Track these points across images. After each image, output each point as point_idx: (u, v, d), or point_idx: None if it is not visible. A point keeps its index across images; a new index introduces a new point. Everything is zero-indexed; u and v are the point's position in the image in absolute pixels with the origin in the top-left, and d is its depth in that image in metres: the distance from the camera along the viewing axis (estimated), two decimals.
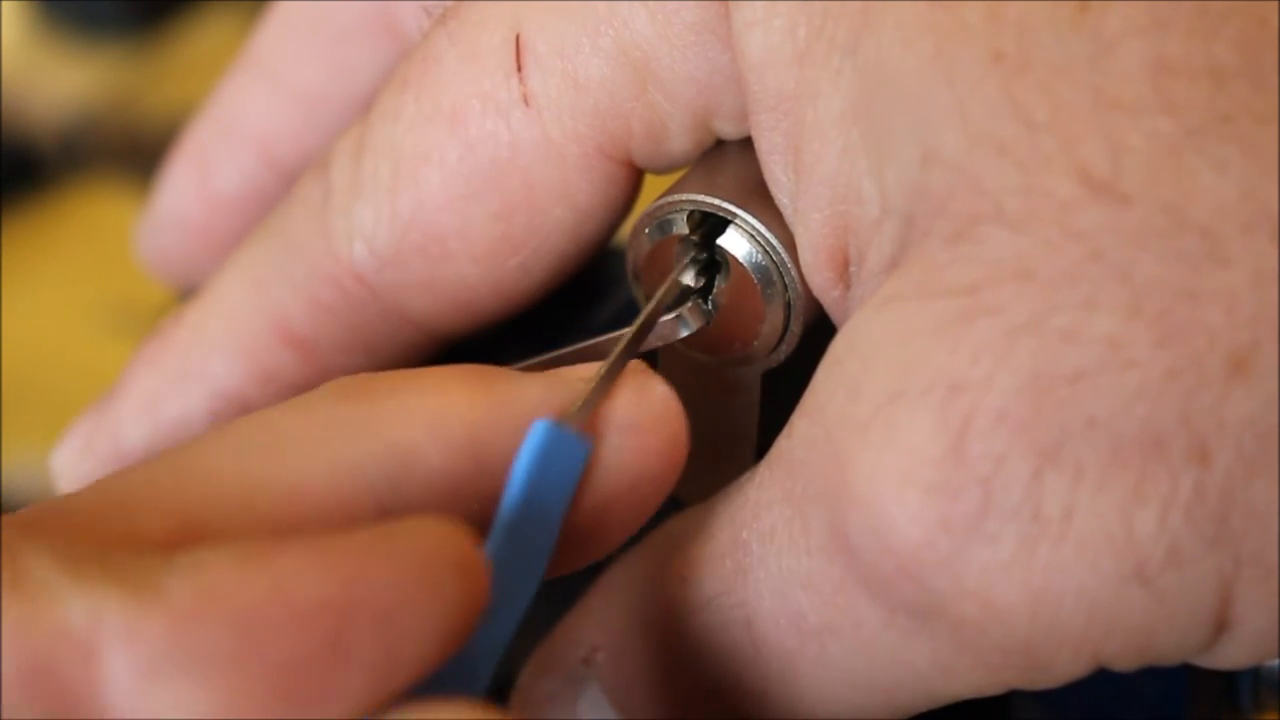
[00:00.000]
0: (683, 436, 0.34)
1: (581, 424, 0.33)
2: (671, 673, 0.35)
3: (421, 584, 0.29)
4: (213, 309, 0.41)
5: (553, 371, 0.34)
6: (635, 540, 0.37)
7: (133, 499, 0.30)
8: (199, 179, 0.46)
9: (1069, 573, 0.30)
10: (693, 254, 0.36)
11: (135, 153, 0.87)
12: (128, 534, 0.30)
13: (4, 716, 0.27)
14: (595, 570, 0.37)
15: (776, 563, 0.33)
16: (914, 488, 0.30)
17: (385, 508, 0.32)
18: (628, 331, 0.35)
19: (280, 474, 0.31)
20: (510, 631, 0.32)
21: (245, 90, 0.46)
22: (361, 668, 0.29)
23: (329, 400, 0.33)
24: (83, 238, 0.87)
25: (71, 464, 0.42)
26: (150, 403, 0.41)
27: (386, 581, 0.29)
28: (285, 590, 0.28)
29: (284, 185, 0.42)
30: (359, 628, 0.29)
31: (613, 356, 0.34)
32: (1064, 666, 0.31)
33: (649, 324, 0.36)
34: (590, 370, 0.34)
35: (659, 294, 0.36)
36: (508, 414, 0.33)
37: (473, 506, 0.32)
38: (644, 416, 0.34)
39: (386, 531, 0.30)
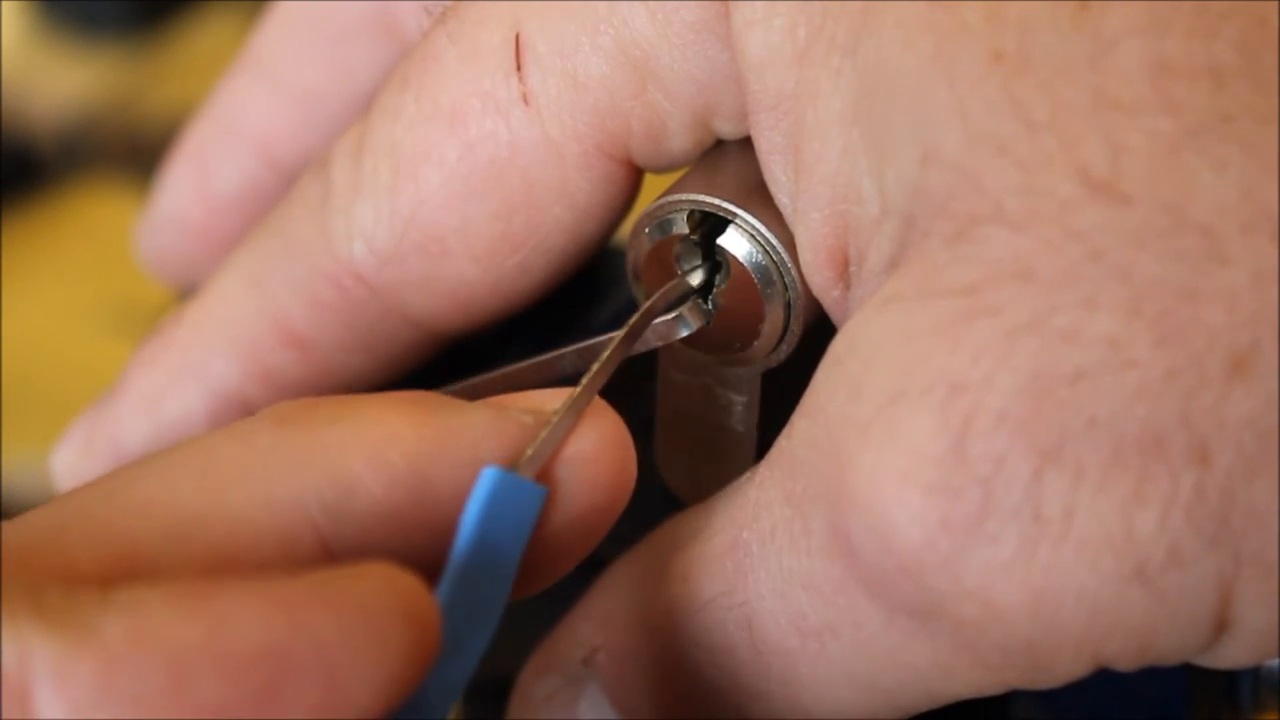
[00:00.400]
0: (631, 467, 0.33)
1: (534, 473, 0.32)
2: (671, 673, 0.35)
3: (367, 633, 0.29)
4: (212, 308, 0.40)
5: (498, 402, 0.34)
6: (635, 540, 0.37)
7: (67, 531, 0.30)
8: (198, 179, 0.46)
9: (1069, 573, 0.30)
10: (693, 254, 0.36)
11: (135, 153, 0.87)
12: (62, 568, 0.29)
13: None
14: (595, 570, 0.37)
15: (777, 563, 0.33)
16: (914, 488, 0.30)
17: (326, 540, 0.31)
18: (619, 333, 0.35)
19: (219, 505, 0.31)
20: (467, 674, 0.32)
21: (245, 90, 0.46)
22: (300, 714, 0.28)
23: (268, 427, 0.32)
24: (83, 238, 0.87)
25: (71, 464, 0.42)
26: (150, 402, 0.41)
27: (330, 629, 0.28)
28: (222, 635, 0.28)
29: (283, 185, 0.42)
30: (299, 676, 0.28)
31: (584, 381, 0.34)
32: (1064, 666, 0.31)
33: (640, 326, 0.35)
34: (535, 400, 0.33)
35: (656, 295, 0.36)
36: (452, 447, 0.32)
37: (415, 539, 0.32)
38: (593, 448, 0.33)
39: (332, 576, 0.29)
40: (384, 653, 0.29)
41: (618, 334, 0.35)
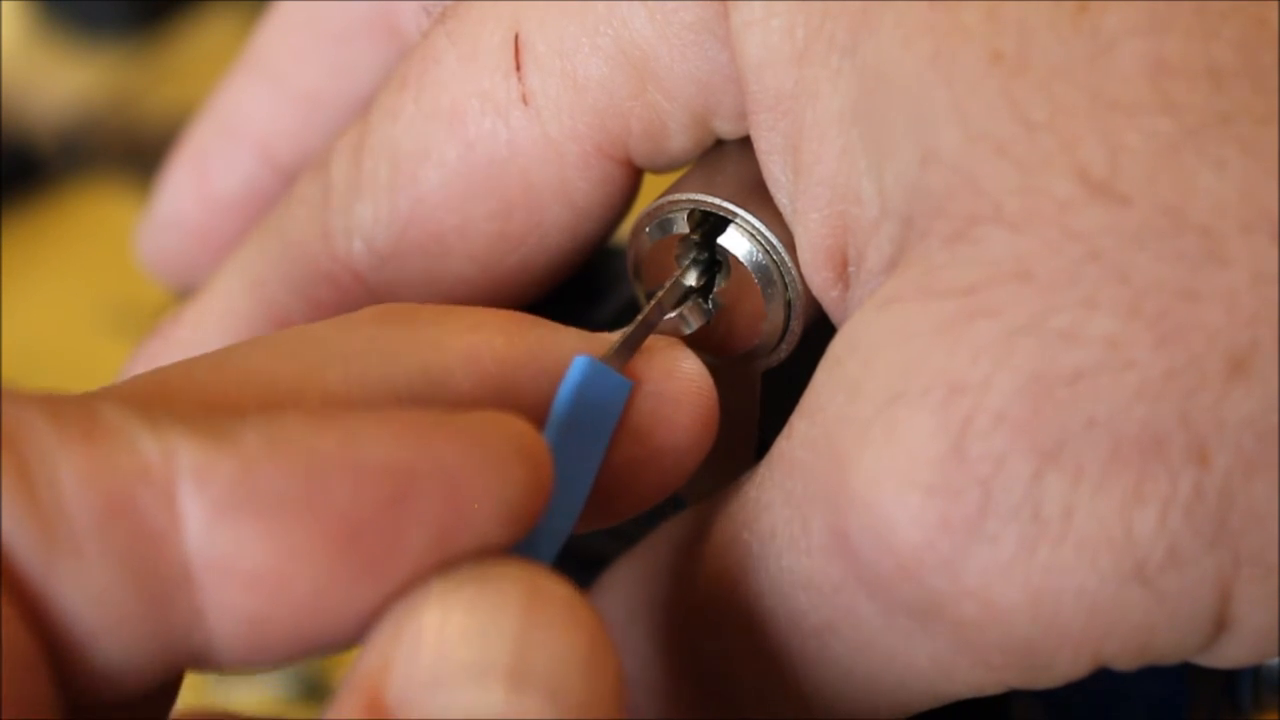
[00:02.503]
0: (712, 414, 0.34)
1: (619, 368, 0.34)
2: (672, 671, 0.35)
3: (487, 460, 0.30)
4: (212, 308, 0.41)
5: (589, 332, 0.35)
6: (636, 539, 0.37)
7: (172, 388, 0.31)
8: (199, 180, 0.46)
9: (1069, 573, 0.30)
10: (693, 253, 0.36)
11: (135, 153, 0.87)
12: (166, 409, 0.30)
13: (88, 554, 0.28)
14: (596, 569, 0.37)
15: (776, 563, 0.33)
16: (914, 488, 0.30)
17: None
18: (638, 320, 0.36)
19: (314, 381, 0.32)
20: (554, 550, 0.33)
21: (245, 91, 0.46)
22: (425, 529, 0.29)
23: (370, 320, 0.33)
24: (83, 238, 0.86)
25: None
26: None
27: (453, 453, 0.29)
28: (354, 446, 0.29)
29: (284, 186, 0.42)
30: (425, 492, 0.29)
31: (637, 321, 0.35)
32: (1064, 666, 0.31)
33: (659, 310, 0.36)
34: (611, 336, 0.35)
35: (662, 291, 0.36)
36: (542, 357, 0.34)
37: None
38: (676, 389, 0.34)
39: (453, 414, 0.30)
40: (502, 481, 0.30)
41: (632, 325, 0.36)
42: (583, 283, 0.40)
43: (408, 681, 0.28)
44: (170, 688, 0.32)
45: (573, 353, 0.34)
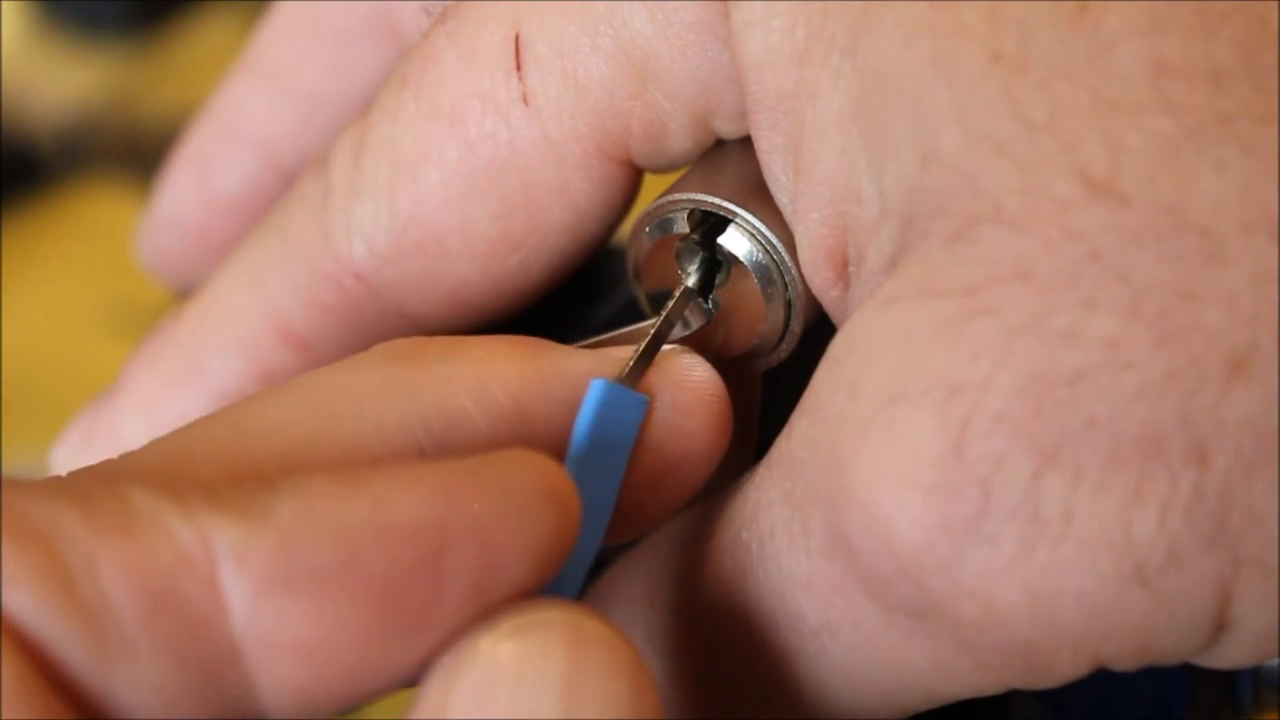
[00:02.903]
0: (725, 424, 0.35)
1: (634, 386, 0.34)
2: (672, 672, 0.35)
3: (517, 508, 0.30)
4: (212, 308, 0.41)
5: (598, 350, 0.35)
6: (636, 540, 0.37)
7: (193, 453, 0.31)
8: (199, 181, 0.46)
9: (1068, 573, 0.30)
10: (693, 253, 0.36)
11: (135, 153, 0.87)
12: (194, 485, 0.30)
13: (139, 649, 0.28)
14: (597, 570, 0.37)
15: (776, 563, 0.33)
16: (913, 488, 0.30)
17: None
18: (645, 325, 0.36)
19: (333, 432, 0.32)
20: (582, 573, 0.33)
21: (245, 92, 0.46)
22: (461, 583, 0.29)
23: (380, 362, 0.33)
24: (83, 238, 0.86)
25: (69, 461, 0.42)
26: (149, 401, 0.41)
27: (483, 505, 0.30)
28: (385, 509, 0.29)
29: (284, 186, 0.42)
30: (458, 545, 0.29)
31: (648, 337, 0.35)
32: (1064, 667, 0.31)
33: (668, 324, 0.36)
34: (630, 352, 0.35)
35: (670, 304, 0.36)
36: (554, 385, 0.34)
37: None
38: (689, 400, 0.35)
39: (479, 460, 0.31)
40: (533, 526, 0.30)
41: (637, 326, 0.36)
42: (583, 283, 0.40)
43: None
44: None
45: (584, 375, 0.34)
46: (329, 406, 0.32)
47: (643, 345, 0.35)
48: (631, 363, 0.34)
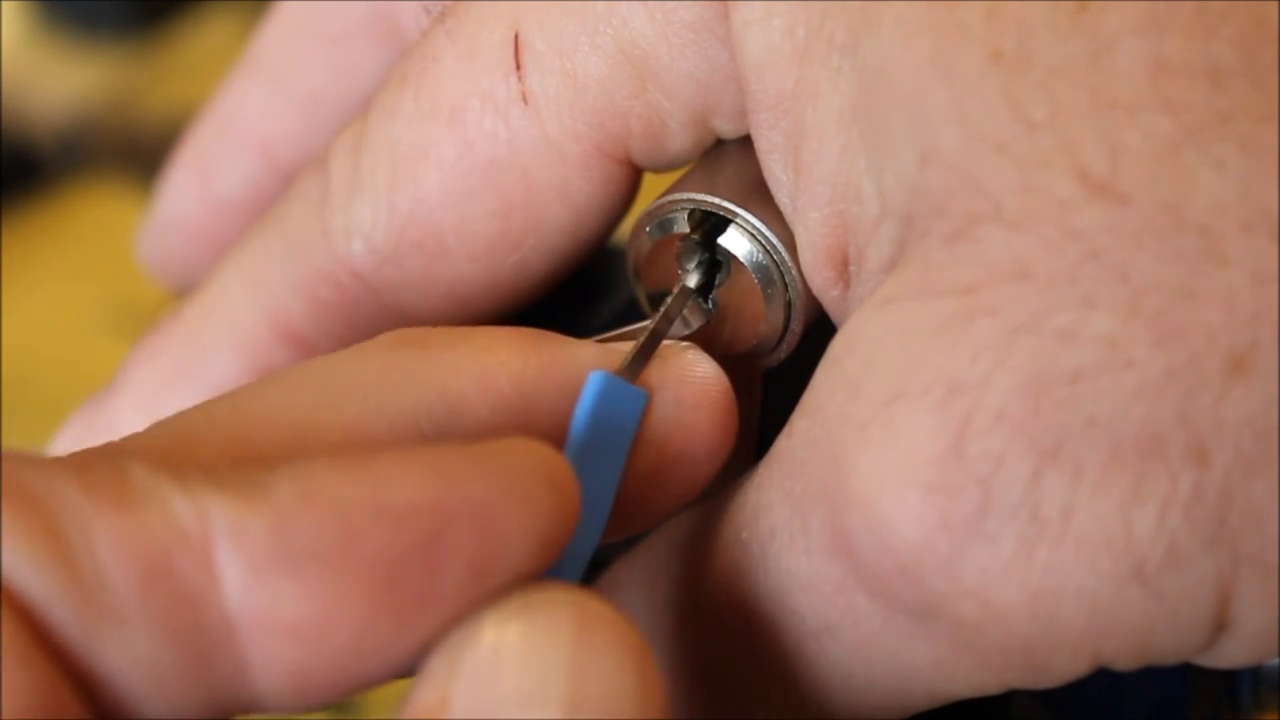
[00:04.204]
0: (731, 421, 0.35)
1: (633, 379, 0.34)
2: (672, 672, 0.35)
3: (516, 493, 0.30)
4: (211, 306, 0.41)
5: (603, 344, 0.35)
6: (636, 540, 0.37)
7: (196, 436, 0.31)
8: (200, 182, 0.46)
9: (1068, 573, 0.30)
10: (693, 253, 0.36)
11: (135, 153, 0.87)
12: (196, 465, 0.30)
13: (131, 621, 0.28)
14: (597, 570, 0.37)
15: (776, 563, 0.33)
16: (913, 488, 0.30)
17: None
18: (645, 324, 0.36)
19: (335, 417, 0.32)
20: (582, 566, 0.33)
21: (246, 92, 0.46)
22: (460, 567, 0.29)
23: (384, 349, 0.33)
24: (83, 238, 0.86)
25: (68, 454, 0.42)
26: (148, 398, 0.41)
27: (483, 489, 0.30)
28: (384, 491, 0.29)
29: (284, 187, 0.42)
30: (457, 529, 0.29)
31: (647, 332, 0.35)
32: (1064, 666, 0.31)
33: (666, 320, 0.36)
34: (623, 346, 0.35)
35: (669, 300, 0.36)
36: (557, 375, 0.34)
37: None
38: (693, 396, 0.34)
39: (481, 445, 0.30)
40: (532, 512, 0.30)
41: (640, 325, 0.36)
42: (583, 283, 0.40)
43: (467, 714, 0.29)
44: None
45: (586, 368, 0.34)
46: (332, 391, 0.32)
47: (641, 339, 0.35)
48: (630, 357, 0.34)
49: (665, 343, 0.35)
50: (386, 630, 0.29)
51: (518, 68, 0.36)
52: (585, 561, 0.33)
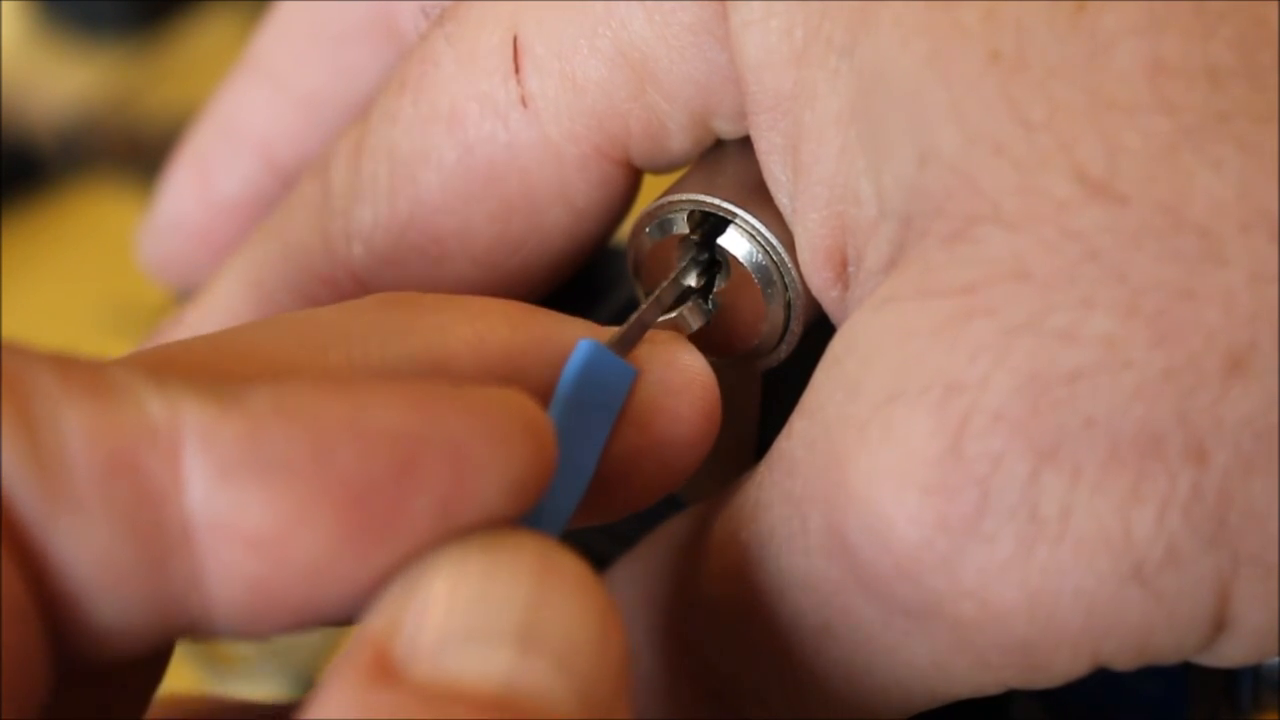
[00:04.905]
0: (714, 410, 0.34)
1: (622, 355, 0.34)
2: (671, 671, 0.35)
3: (492, 432, 0.30)
4: (212, 310, 0.41)
5: (592, 325, 0.35)
6: (636, 540, 0.37)
7: (175, 360, 0.31)
8: (200, 183, 0.46)
9: (1067, 573, 0.30)
10: (693, 253, 0.36)
11: (135, 153, 0.87)
12: (172, 373, 0.30)
13: (89, 508, 0.28)
14: (596, 571, 0.37)
15: (775, 563, 0.33)
16: (912, 488, 0.30)
17: None
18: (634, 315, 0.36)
19: (316, 359, 0.32)
20: (560, 528, 0.33)
21: (245, 94, 0.46)
22: (430, 497, 0.29)
23: (375, 306, 0.33)
24: (83, 238, 0.86)
25: None
26: None
27: (459, 424, 0.29)
28: (361, 411, 0.29)
29: (284, 188, 0.42)
30: (431, 458, 0.29)
31: (638, 312, 0.35)
32: (1063, 666, 0.31)
33: (657, 306, 0.36)
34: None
35: (660, 288, 0.36)
36: (546, 346, 0.34)
37: None
38: (679, 381, 0.34)
39: (461, 387, 0.30)
40: (507, 452, 0.30)
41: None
42: (583, 283, 0.40)
43: (416, 642, 0.28)
44: (160, 661, 0.32)
45: (572, 339, 0.34)
46: (317, 337, 0.32)
47: (632, 319, 0.35)
48: (618, 337, 0.34)
49: (656, 330, 0.35)
50: (348, 553, 0.29)
51: (516, 71, 0.36)
52: (563, 522, 0.33)
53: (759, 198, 0.35)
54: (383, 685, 0.28)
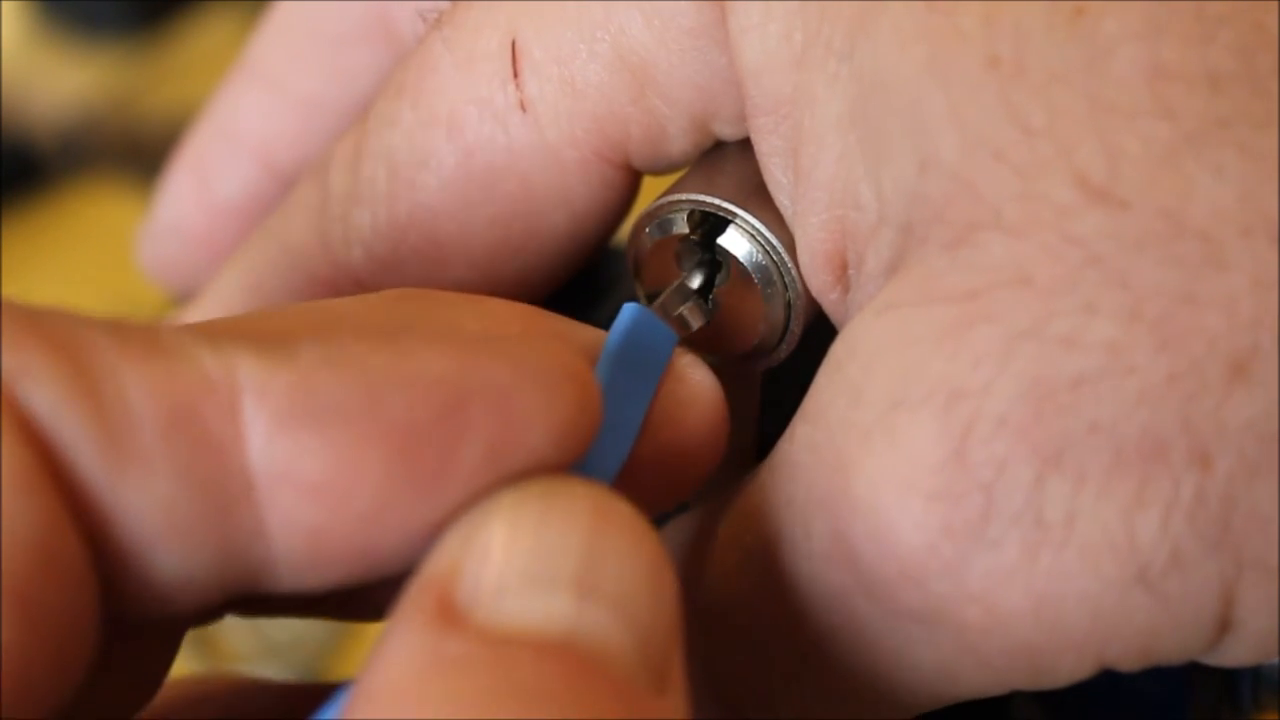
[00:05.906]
0: (721, 419, 0.35)
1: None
2: None
3: (537, 381, 0.30)
4: (211, 312, 0.41)
5: (600, 331, 0.35)
6: None
7: (218, 326, 0.31)
8: (199, 186, 0.46)
9: (1072, 578, 0.30)
10: (693, 254, 0.36)
11: (135, 153, 0.87)
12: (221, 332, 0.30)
13: (154, 462, 0.28)
14: None
15: (777, 567, 0.33)
16: (916, 494, 0.30)
17: None
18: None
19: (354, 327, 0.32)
20: (607, 482, 0.33)
21: (243, 96, 0.46)
22: (479, 443, 0.29)
23: (388, 300, 0.33)
24: (83, 238, 0.87)
25: None
26: None
27: (504, 373, 0.30)
28: (408, 359, 0.29)
29: (283, 190, 0.42)
30: (478, 403, 0.29)
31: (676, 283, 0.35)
32: (1068, 669, 0.31)
33: (662, 312, 0.36)
34: None
35: (665, 294, 0.36)
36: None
37: None
38: (687, 392, 0.34)
39: (504, 338, 0.31)
40: (552, 399, 0.30)
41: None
42: (583, 283, 0.40)
43: (477, 587, 0.28)
44: (171, 645, 0.33)
45: (586, 345, 0.34)
46: (327, 317, 0.32)
47: (671, 288, 0.35)
48: (660, 302, 0.35)
49: None
50: (403, 498, 0.29)
51: (515, 75, 0.36)
52: (610, 480, 0.33)
53: (759, 198, 0.35)
54: (450, 629, 0.28)
